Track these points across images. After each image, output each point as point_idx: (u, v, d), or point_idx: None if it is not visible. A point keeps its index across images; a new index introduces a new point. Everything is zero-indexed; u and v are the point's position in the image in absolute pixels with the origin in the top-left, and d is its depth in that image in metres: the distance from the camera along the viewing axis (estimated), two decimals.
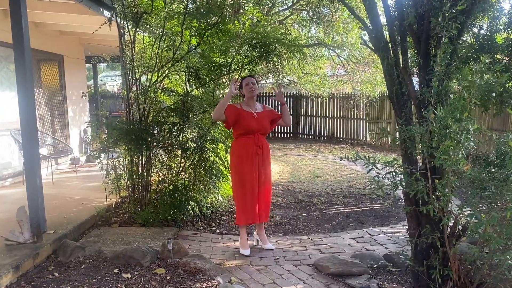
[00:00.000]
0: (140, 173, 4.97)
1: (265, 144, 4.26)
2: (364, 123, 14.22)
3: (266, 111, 4.31)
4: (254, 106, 4.25)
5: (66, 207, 5.20)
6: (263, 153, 4.19)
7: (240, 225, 4.26)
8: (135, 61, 4.80)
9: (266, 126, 4.25)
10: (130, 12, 4.50)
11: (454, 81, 3.24)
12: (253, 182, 4.14)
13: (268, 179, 4.32)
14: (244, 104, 4.26)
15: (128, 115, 4.98)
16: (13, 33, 3.72)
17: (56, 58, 8.54)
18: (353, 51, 13.27)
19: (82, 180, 7.11)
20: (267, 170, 4.29)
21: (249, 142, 4.13)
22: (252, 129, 4.12)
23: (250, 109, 4.21)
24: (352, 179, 8.17)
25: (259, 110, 4.27)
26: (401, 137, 2.90)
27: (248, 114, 4.16)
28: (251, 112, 4.18)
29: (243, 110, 4.17)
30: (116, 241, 4.29)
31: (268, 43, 4.64)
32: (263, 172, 4.21)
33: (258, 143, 4.14)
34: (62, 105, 8.75)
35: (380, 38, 3.26)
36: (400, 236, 4.77)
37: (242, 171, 4.15)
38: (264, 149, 4.21)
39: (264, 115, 4.25)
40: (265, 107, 4.36)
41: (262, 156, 4.18)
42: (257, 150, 4.14)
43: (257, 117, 4.17)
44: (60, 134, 8.62)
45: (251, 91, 4.21)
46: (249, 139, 4.13)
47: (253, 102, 4.27)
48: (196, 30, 4.73)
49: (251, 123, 4.12)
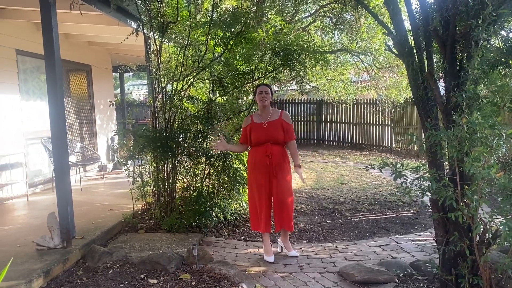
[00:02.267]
0: (166, 179, 5.04)
1: (279, 154, 4.16)
2: (389, 129, 14.01)
3: (281, 120, 4.21)
4: (266, 114, 4.22)
5: (94, 213, 5.33)
6: (274, 163, 4.11)
7: (253, 230, 4.32)
8: (161, 70, 4.90)
9: (276, 135, 4.15)
10: (156, 22, 4.60)
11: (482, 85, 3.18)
12: (261, 191, 4.15)
13: (283, 189, 4.15)
14: (255, 115, 4.30)
15: (154, 123, 5.07)
16: (45, 44, 3.86)
17: (84, 68, 8.80)
18: (377, 57, 13.14)
19: (109, 187, 7.27)
20: (281, 179, 4.14)
21: (259, 152, 4.16)
22: (261, 140, 4.14)
23: (261, 119, 4.21)
24: (377, 186, 8.07)
25: (273, 118, 4.20)
26: (429, 142, 2.86)
27: (257, 125, 4.19)
28: (261, 122, 4.19)
29: (253, 122, 4.22)
30: (142, 246, 4.36)
31: (291, 51, 4.65)
32: (275, 182, 4.12)
33: (267, 152, 4.11)
34: (90, 114, 8.98)
35: (404, 44, 3.23)
36: (427, 244, 4.67)
37: (252, 180, 4.24)
38: (275, 158, 4.11)
39: (277, 123, 4.18)
40: (282, 114, 4.26)
41: (272, 165, 4.11)
42: (265, 160, 4.11)
43: (266, 127, 4.15)
44: (88, 142, 8.85)
45: (263, 101, 4.19)
46: (259, 149, 4.17)
47: (266, 110, 4.24)
48: (221, 39, 4.80)
49: (260, 134, 4.14)
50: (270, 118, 4.20)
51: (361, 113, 14.85)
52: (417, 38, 3.30)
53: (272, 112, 4.25)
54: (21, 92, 6.70)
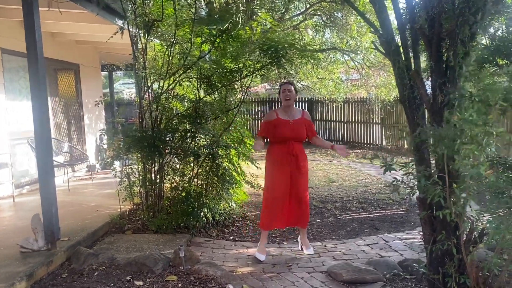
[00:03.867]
0: (153, 180, 4.99)
1: (300, 152, 4.19)
2: (379, 127, 14.06)
3: (304, 119, 4.26)
4: (291, 112, 4.23)
5: (81, 214, 5.26)
6: (296, 161, 4.14)
7: (262, 229, 4.29)
8: (147, 69, 4.84)
9: (301, 134, 4.19)
10: (141, 20, 4.54)
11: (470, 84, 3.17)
12: (282, 189, 4.14)
13: (303, 187, 4.23)
14: (280, 111, 4.28)
15: (141, 122, 5.01)
16: (27, 43, 3.79)
17: (72, 67, 8.69)
18: (368, 55, 13.17)
19: (98, 187, 7.19)
20: (301, 179, 4.19)
21: (283, 150, 4.15)
22: (286, 137, 4.14)
23: (287, 117, 4.20)
24: (367, 184, 8.07)
25: (297, 117, 4.23)
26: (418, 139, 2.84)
27: (284, 122, 4.17)
28: (287, 119, 4.18)
29: (279, 118, 4.19)
30: (129, 248, 4.31)
31: (278, 48, 4.62)
32: (296, 181, 4.16)
33: (291, 151, 4.13)
34: (79, 113, 8.88)
35: (390, 42, 3.20)
36: (416, 242, 4.67)
37: (272, 177, 4.21)
38: (299, 157, 4.16)
39: (301, 122, 4.21)
40: (304, 114, 4.31)
41: (295, 164, 4.14)
42: (289, 158, 4.13)
43: (292, 124, 4.16)
44: (77, 141, 8.75)
45: (287, 99, 4.20)
46: (283, 147, 4.15)
47: (290, 108, 4.25)
48: (208, 37, 4.74)
49: (285, 131, 4.13)
50: (294, 117, 4.22)
51: (352, 111, 14.88)
52: (404, 37, 3.28)
53: (295, 111, 4.28)
54: (7, 92, 6.59)
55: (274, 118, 4.21)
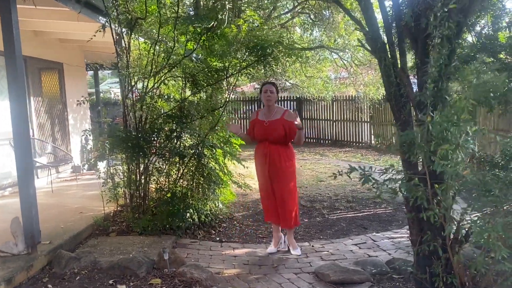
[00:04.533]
0: (138, 181, 4.89)
1: (275, 152, 4.15)
2: (368, 125, 14.07)
3: (283, 119, 4.14)
4: (271, 113, 4.22)
5: (63, 217, 5.13)
6: (273, 162, 4.14)
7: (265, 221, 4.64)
8: (131, 67, 4.74)
9: (275, 135, 4.14)
10: (124, 18, 4.43)
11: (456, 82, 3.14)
12: (264, 187, 4.32)
13: (282, 188, 4.20)
14: (261, 111, 4.32)
15: (125, 122, 4.91)
16: (4, 41, 3.67)
17: (56, 66, 8.52)
18: (356, 53, 13.17)
19: (82, 189, 7.06)
20: (281, 180, 4.18)
21: (260, 149, 4.26)
22: (260, 138, 4.23)
23: (264, 117, 4.23)
24: (355, 183, 8.02)
25: (275, 117, 4.18)
26: (400, 141, 2.80)
27: (260, 122, 4.23)
28: (263, 120, 4.22)
29: (257, 118, 4.27)
30: (113, 250, 4.21)
31: (265, 46, 4.56)
32: (274, 181, 4.21)
33: (266, 151, 4.17)
34: (63, 113, 8.72)
35: (376, 39, 3.16)
36: (404, 241, 4.65)
37: (257, 175, 4.41)
38: (271, 158, 4.14)
39: (279, 122, 4.14)
40: (285, 114, 4.18)
41: (273, 164, 4.15)
42: (265, 159, 4.18)
43: (267, 125, 4.17)
44: (61, 142, 8.58)
45: (267, 99, 4.19)
46: (260, 146, 4.26)
47: (271, 109, 4.23)
48: (192, 35, 4.66)
49: (260, 131, 4.22)
50: (272, 117, 4.19)
51: (341, 110, 14.87)
52: (390, 34, 3.24)
53: (276, 111, 4.24)
54: None
55: (254, 118, 4.32)
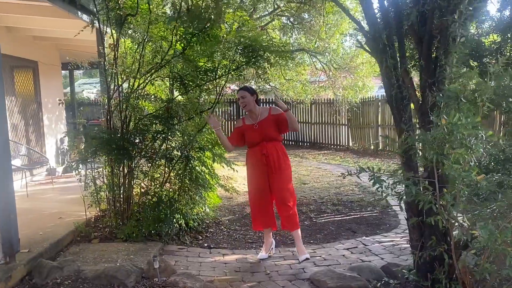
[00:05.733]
0: (122, 184, 4.68)
1: (273, 149, 4.11)
2: (346, 128, 14.19)
3: (271, 116, 4.17)
4: (255, 116, 4.18)
5: (42, 222, 4.86)
6: (270, 160, 4.09)
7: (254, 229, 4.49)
8: (118, 66, 4.53)
9: (270, 133, 4.13)
10: (114, 14, 4.22)
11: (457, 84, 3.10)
12: (260, 189, 4.17)
13: (283, 186, 4.15)
14: (247, 117, 4.27)
15: (109, 123, 4.69)
16: None
17: (30, 64, 8.17)
18: (335, 57, 13.23)
19: (59, 192, 6.75)
20: (280, 176, 4.13)
21: (256, 152, 4.15)
22: (256, 141, 4.14)
23: (251, 121, 4.18)
24: (339, 185, 8.03)
25: (262, 117, 4.16)
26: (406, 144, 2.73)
27: (249, 127, 4.17)
28: (252, 124, 4.16)
29: (245, 124, 4.22)
30: (97, 258, 3.99)
31: (256, 48, 4.45)
32: (274, 180, 4.12)
33: (263, 151, 4.09)
34: (37, 114, 8.35)
35: (378, 40, 3.10)
36: (394, 245, 4.62)
37: (251, 179, 4.26)
38: (271, 155, 4.09)
39: (268, 121, 4.14)
40: (271, 110, 4.20)
41: (269, 163, 4.09)
42: (263, 158, 4.10)
43: (258, 127, 4.13)
44: (35, 143, 8.21)
45: (243, 106, 4.16)
46: (255, 149, 4.16)
47: (253, 113, 4.19)
48: (183, 35, 4.49)
49: (252, 135, 4.14)
50: (260, 118, 4.16)
51: (319, 113, 14.95)
52: (390, 34, 3.18)
53: (261, 112, 4.20)
54: None
55: (240, 125, 4.27)
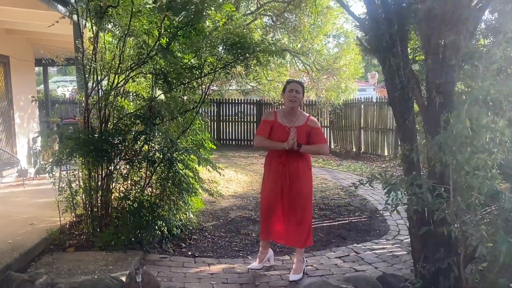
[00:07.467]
0: (100, 188, 4.36)
1: (293, 161, 3.68)
2: (328, 130, 14.09)
3: (307, 125, 3.73)
4: (292, 117, 3.75)
5: (11, 229, 4.49)
6: (287, 171, 3.68)
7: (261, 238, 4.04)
8: (98, 61, 4.20)
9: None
10: (94, 5, 3.89)
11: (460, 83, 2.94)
12: (270, 199, 3.80)
13: (294, 200, 3.71)
14: (280, 113, 3.80)
15: (87, 123, 4.36)
16: None
17: (1, 59, 7.70)
18: (319, 58, 13.09)
19: (31, 196, 6.33)
20: (294, 190, 3.70)
21: (274, 158, 3.75)
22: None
23: (284, 121, 3.74)
24: (324, 189, 7.86)
25: (299, 123, 3.72)
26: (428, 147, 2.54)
27: (280, 127, 3.71)
28: (284, 125, 3.71)
29: (277, 121, 3.75)
30: (72, 269, 3.67)
31: (246, 45, 4.21)
32: (287, 191, 3.70)
33: (282, 159, 3.69)
34: (8, 111, 7.88)
35: (381, 37, 2.90)
36: (386, 253, 4.46)
37: (264, 186, 3.89)
38: (290, 166, 3.68)
39: (302, 129, 3.68)
40: (309, 119, 3.77)
41: (286, 174, 3.68)
42: (281, 168, 3.70)
43: (290, 131, 3.64)
44: (5, 143, 7.75)
45: (292, 100, 3.70)
46: (275, 155, 3.75)
47: (293, 112, 3.76)
48: (167, 28, 4.21)
49: (279, 137, 3.68)
50: (295, 123, 3.72)
51: None
52: (391, 32, 3.00)
53: (298, 115, 3.78)
54: None
55: (271, 119, 3.77)
